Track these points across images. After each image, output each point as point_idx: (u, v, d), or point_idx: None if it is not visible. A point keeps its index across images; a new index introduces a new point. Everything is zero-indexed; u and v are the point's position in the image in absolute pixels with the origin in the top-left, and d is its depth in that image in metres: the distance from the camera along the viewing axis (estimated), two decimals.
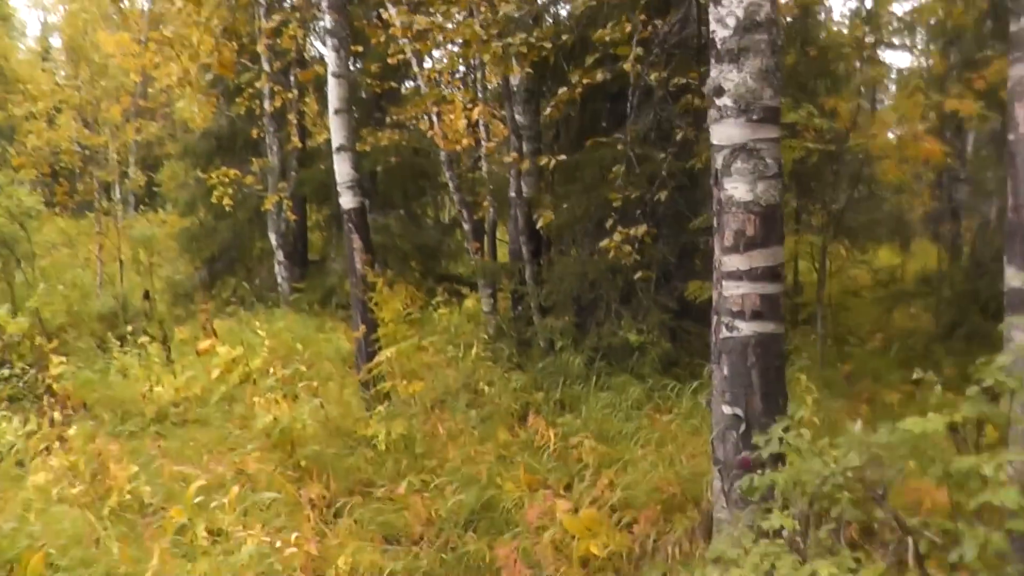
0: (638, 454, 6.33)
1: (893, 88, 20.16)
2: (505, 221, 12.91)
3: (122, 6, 22.27)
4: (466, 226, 12.39)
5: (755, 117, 4.37)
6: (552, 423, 7.23)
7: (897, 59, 54.44)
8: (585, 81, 6.35)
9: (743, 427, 4.40)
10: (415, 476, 6.56)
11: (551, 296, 9.55)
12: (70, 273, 21.64)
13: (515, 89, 10.26)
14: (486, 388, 8.62)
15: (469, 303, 14.64)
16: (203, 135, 18.51)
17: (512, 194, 10.06)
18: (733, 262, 4.44)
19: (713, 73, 4.48)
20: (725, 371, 4.49)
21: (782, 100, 4.64)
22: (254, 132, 16.74)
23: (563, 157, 7.38)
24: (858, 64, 11.23)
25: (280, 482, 6.48)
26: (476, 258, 12.27)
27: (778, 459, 3.65)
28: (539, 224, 7.78)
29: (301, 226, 17.79)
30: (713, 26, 4.49)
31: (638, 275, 6.83)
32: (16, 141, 21.77)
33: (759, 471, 3.67)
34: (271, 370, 11.29)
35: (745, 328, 4.43)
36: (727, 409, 4.47)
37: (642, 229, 5.86)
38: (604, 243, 6.06)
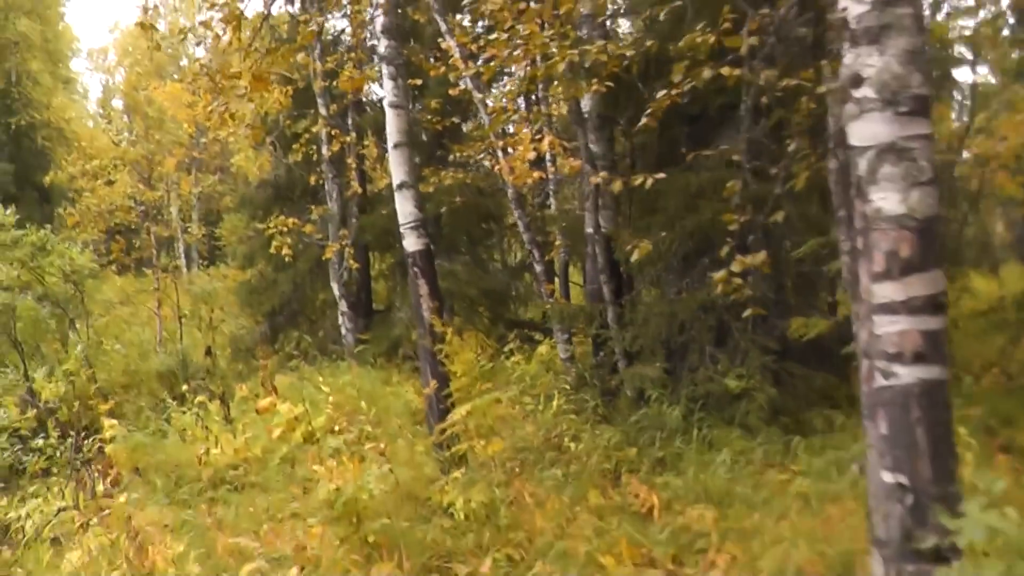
0: (763, 523, 5.43)
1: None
2: (578, 261, 12.17)
3: (181, 63, 22.06)
4: (537, 267, 11.65)
5: (903, 109, 3.54)
6: (651, 484, 6.40)
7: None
8: (674, 92, 5.55)
9: (910, 499, 3.54)
10: (500, 551, 5.78)
11: (637, 340, 8.74)
12: (129, 332, 21.38)
13: (586, 115, 9.54)
14: (572, 445, 7.80)
15: (543, 350, 13.86)
16: (260, 185, 18.13)
17: (589, 230, 9.30)
18: (886, 291, 3.59)
19: (847, 59, 3.68)
20: (883, 429, 3.63)
21: None
22: (312, 179, 16.27)
23: (661, 175, 6.52)
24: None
25: (346, 562, 5.74)
26: (551, 301, 11.51)
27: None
28: (633, 257, 6.96)
29: (364, 275, 17.20)
30: (844, 2, 3.69)
31: (747, 313, 5.99)
32: (73, 200, 21.59)
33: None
34: (336, 429, 10.67)
35: (906, 374, 3.57)
36: (888, 476, 3.61)
37: (760, 258, 5.02)
38: (717, 276, 5.22)
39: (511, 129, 11.93)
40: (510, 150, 10.91)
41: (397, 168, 7.84)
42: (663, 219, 9.16)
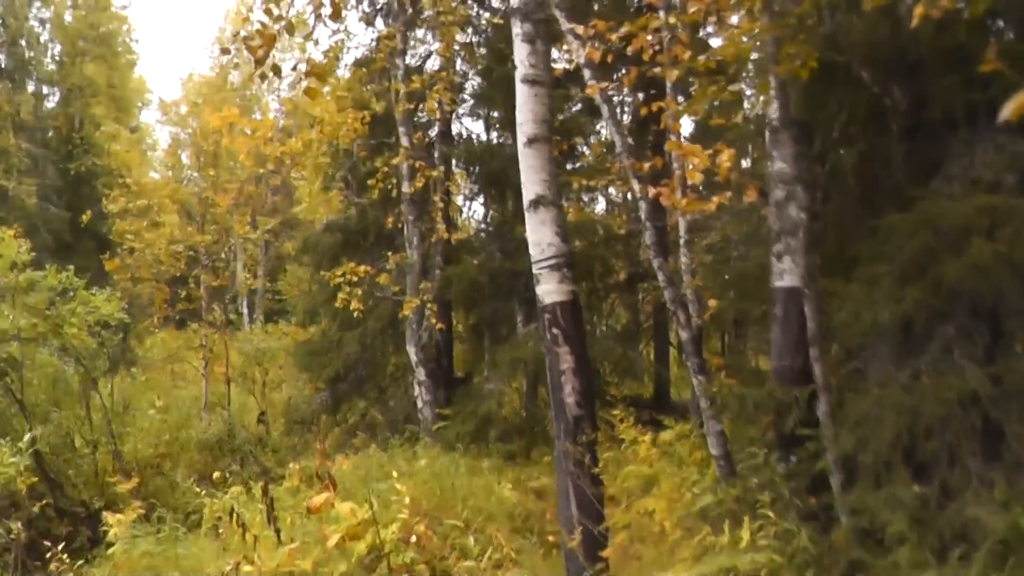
0: None
1: None
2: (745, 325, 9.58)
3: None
4: (683, 334, 9.04)
5: None
6: None
7: None
8: None
9: None
10: None
11: (864, 446, 6.11)
12: (170, 394, 19.20)
13: (775, 121, 7.03)
14: None
15: (666, 437, 11.35)
16: (327, 228, 15.86)
17: (783, 282, 6.75)
18: None
19: None
20: None
21: None
22: (389, 221, 13.93)
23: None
24: None
25: None
26: (703, 380, 8.94)
27: None
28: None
29: (447, 337, 14.77)
30: None
31: None
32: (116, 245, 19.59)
33: None
34: (412, 537, 8.25)
35: None
36: None
37: None
38: None
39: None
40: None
41: (532, 175, 5.37)
42: (885, 270, 6.59)
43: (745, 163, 10.70)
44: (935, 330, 6.55)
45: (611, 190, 16.59)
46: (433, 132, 14.94)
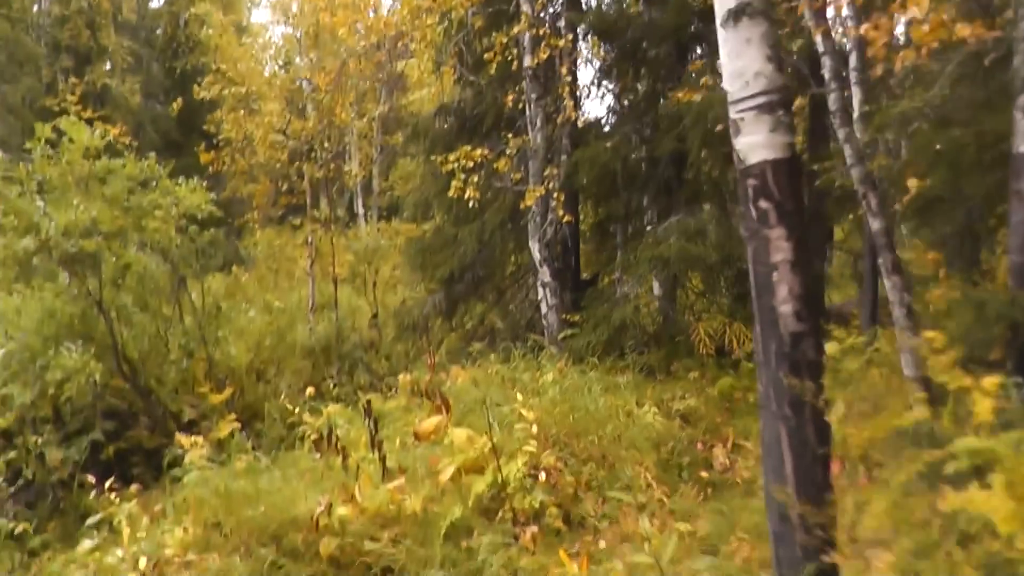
0: None
1: None
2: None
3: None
4: (874, 224, 7.26)
5: None
6: None
7: None
8: None
9: None
10: None
11: None
12: (276, 295, 18.04)
13: None
14: None
15: (831, 349, 9.58)
16: (439, 112, 14.23)
17: None
18: None
19: None
20: None
21: None
22: (508, 100, 12.23)
23: None
24: None
25: None
26: (898, 281, 7.20)
27: None
28: None
29: (574, 233, 13.10)
30: None
31: None
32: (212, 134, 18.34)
33: None
34: (541, 474, 6.77)
35: None
36: None
37: None
38: None
39: None
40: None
41: None
42: None
43: None
44: None
45: None
46: None
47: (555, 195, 11.49)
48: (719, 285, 12.56)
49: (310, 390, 10.23)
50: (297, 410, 8.98)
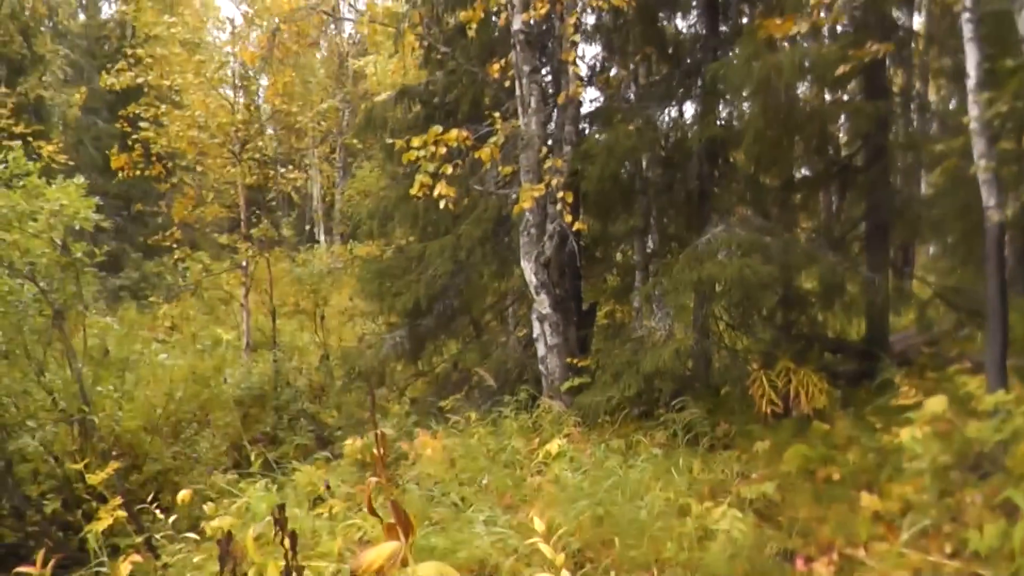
0: None
1: None
2: None
3: None
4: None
5: None
6: None
7: None
8: None
9: None
10: None
11: None
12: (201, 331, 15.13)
13: None
14: None
15: (937, 407, 6.80)
16: (400, 95, 11.33)
17: None
18: None
19: None
20: None
21: None
22: (494, 70, 9.36)
23: None
24: None
25: None
26: None
27: None
28: None
29: (576, 251, 10.15)
30: None
31: None
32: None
33: None
34: None
35: None
36: None
37: None
38: None
39: None
40: None
41: None
42: None
43: None
44: None
45: None
46: None
47: (558, 196, 8.57)
48: (760, 316, 9.87)
49: (217, 476, 7.41)
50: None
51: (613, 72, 11.23)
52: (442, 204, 8.42)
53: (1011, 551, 5.08)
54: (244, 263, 14.62)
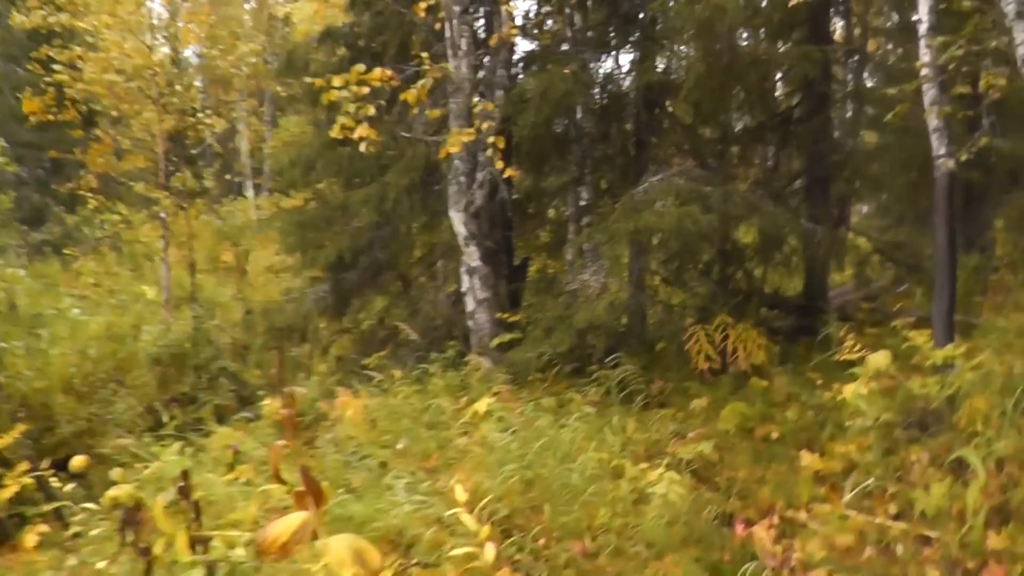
0: None
1: None
2: None
3: None
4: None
5: None
6: None
7: None
8: None
9: None
10: None
11: None
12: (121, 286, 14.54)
13: None
14: None
15: (880, 361, 6.58)
16: (323, 36, 10.82)
17: None
18: None
19: None
20: None
21: None
22: (420, 9, 8.86)
23: None
24: None
25: None
26: None
27: None
28: None
29: (508, 201, 9.76)
30: None
31: None
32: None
33: None
34: None
35: None
36: None
37: None
38: None
39: None
40: None
41: None
42: None
43: None
44: None
45: None
46: None
47: (489, 141, 8.16)
48: (696, 269, 9.64)
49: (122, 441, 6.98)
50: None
51: (549, 24, 10.88)
52: (362, 147, 7.96)
53: (959, 511, 4.87)
54: (163, 214, 14.03)
